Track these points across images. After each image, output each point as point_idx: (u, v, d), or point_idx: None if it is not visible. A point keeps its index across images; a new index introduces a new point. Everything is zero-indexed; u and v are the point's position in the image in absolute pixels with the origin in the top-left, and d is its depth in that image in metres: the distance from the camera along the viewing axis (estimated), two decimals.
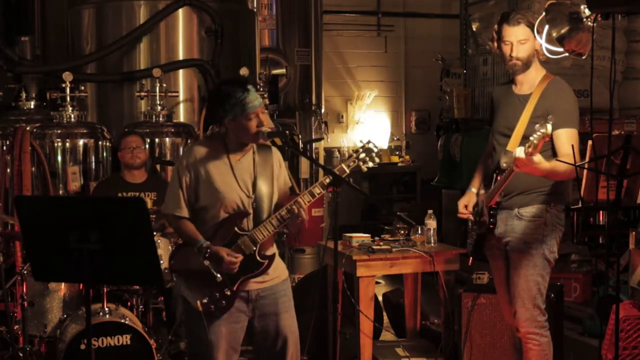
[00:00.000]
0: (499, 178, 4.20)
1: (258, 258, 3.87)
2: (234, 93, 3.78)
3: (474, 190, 4.47)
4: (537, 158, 3.89)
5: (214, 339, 3.84)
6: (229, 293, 3.84)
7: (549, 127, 3.78)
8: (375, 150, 3.87)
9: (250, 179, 3.91)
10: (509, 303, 4.41)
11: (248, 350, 5.87)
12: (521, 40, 4.23)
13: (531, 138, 3.83)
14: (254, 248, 3.85)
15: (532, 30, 4.24)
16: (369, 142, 3.89)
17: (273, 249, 3.99)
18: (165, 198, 3.95)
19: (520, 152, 3.87)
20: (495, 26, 4.33)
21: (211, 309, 3.83)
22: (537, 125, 3.81)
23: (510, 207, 4.28)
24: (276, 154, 4.05)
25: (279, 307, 3.97)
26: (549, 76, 4.31)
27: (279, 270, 4.02)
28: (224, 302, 3.84)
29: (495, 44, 4.35)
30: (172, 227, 4.00)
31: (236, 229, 3.84)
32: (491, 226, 4.29)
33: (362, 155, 3.86)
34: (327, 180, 3.82)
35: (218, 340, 3.85)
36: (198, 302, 3.82)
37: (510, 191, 4.26)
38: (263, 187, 3.92)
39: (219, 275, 3.80)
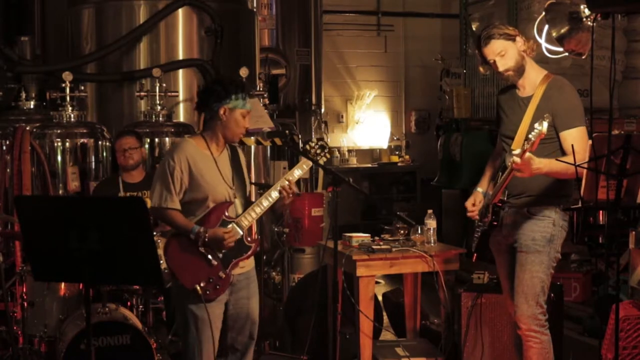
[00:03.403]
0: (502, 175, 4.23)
1: (246, 242, 4.20)
2: (240, 89, 4.15)
3: (480, 190, 4.49)
4: (528, 157, 3.93)
5: (212, 319, 4.10)
6: (223, 276, 4.13)
7: (545, 124, 3.84)
8: (327, 147, 4.34)
9: (230, 172, 4.25)
10: (513, 299, 4.42)
11: None
12: (499, 53, 4.26)
13: (529, 136, 3.87)
14: (241, 233, 4.16)
15: (507, 38, 4.25)
16: (320, 139, 4.37)
17: (255, 235, 4.35)
18: (155, 192, 4.13)
19: (515, 158, 3.91)
20: (477, 51, 4.36)
21: (208, 292, 4.09)
22: (536, 124, 3.85)
23: (520, 206, 4.31)
24: (241, 155, 4.41)
25: (250, 291, 4.31)
26: (550, 76, 4.31)
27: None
28: (219, 285, 4.12)
29: (482, 68, 4.43)
30: (163, 219, 4.21)
31: (224, 216, 4.15)
32: (494, 223, 4.32)
33: (319, 151, 4.33)
34: (305, 166, 4.27)
35: (215, 321, 4.14)
36: (197, 287, 4.06)
37: (522, 192, 4.30)
38: (237, 180, 4.27)
39: (215, 262, 4.11)
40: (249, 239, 4.20)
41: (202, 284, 4.07)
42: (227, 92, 4.11)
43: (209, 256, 4.11)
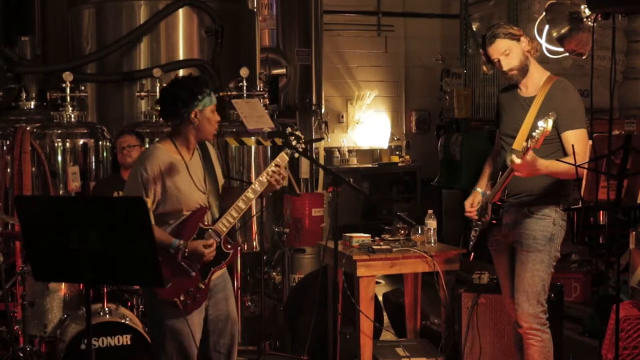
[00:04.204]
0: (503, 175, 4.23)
1: (224, 249, 4.07)
2: (204, 87, 3.98)
3: (479, 190, 4.49)
4: (531, 157, 3.92)
5: (192, 330, 3.99)
6: (203, 286, 4.01)
7: (550, 122, 3.82)
8: (301, 138, 4.18)
9: (202, 174, 4.09)
10: (512, 298, 4.43)
11: (248, 351, 5.89)
12: (504, 52, 4.26)
13: (533, 134, 3.86)
14: (219, 240, 4.03)
15: (512, 38, 4.26)
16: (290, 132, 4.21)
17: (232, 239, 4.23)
18: None
19: (515, 158, 3.91)
20: (481, 50, 4.36)
21: (188, 304, 3.97)
22: (540, 121, 3.84)
23: (520, 205, 4.31)
24: (212, 150, 4.23)
25: (227, 292, 4.21)
26: (553, 78, 4.32)
27: None
28: (198, 296, 4.00)
29: (485, 67, 4.43)
30: None
31: (200, 224, 4.01)
32: (494, 222, 4.32)
33: (294, 143, 4.14)
34: (285, 155, 4.08)
35: (195, 331, 4.02)
36: (177, 300, 3.94)
37: (521, 191, 4.30)
38: (209, 182, 4.11)
39: (193, 273, 3.98)
40: (228, 245, 4.08)
41: (181, 297, 3.94)
42: (193, 95, 3.93)
43: (188, 268, 3.97)
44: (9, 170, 5.96)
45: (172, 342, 3.99)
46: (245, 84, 6.22)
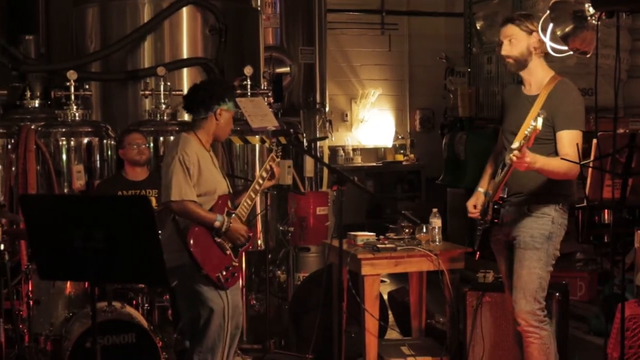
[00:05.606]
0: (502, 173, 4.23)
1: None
2: (232, 91, 4.52)
3: (481, 190, 4.49)
4: (528, 154, 3.92)
5: (230, 305, 4.35)
6: (236, 264, 4.42)
7: (540, 120, 3.85)
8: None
9: (218, 167, 4.54)
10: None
11: (253, 349, 5.89)
12: (507, 36, 4.27)
13: (526, 132, 3.87)
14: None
15: (523, 28, 4.25)
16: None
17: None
18: (172, 186, 4.25)
19: (515, 152, 3.91)
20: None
21: (228, 280, 4.30)
22: (532, 120, 3.86)
23: (520, 205, 4.31)
24: (213, 155, 4.63)
25: (238, 283, 4.59)
26: (557, 78, 4.31)
27: None
28: (235, 273, 4.41)
29: (498, 49, 4.42)
30: (184, 212, 4.30)
31: (227, 208, 4.42)
32: (495, 220, 4.32)
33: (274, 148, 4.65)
34: (274, 159, 4.58)
35: (231, 307, 4.37)
36: (219, 275, 4.28)
37: (521, 190, 4.30)
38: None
39: (228, 251, 4.38)
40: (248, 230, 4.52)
41: (223, 272, 4.29)
42: (225, 94, 4.38)
43: (224, 245, 4.36)
44: (13, 169, 5.96)
45: (217, 320, 4.31)
46: (249, 82, 6.23)
